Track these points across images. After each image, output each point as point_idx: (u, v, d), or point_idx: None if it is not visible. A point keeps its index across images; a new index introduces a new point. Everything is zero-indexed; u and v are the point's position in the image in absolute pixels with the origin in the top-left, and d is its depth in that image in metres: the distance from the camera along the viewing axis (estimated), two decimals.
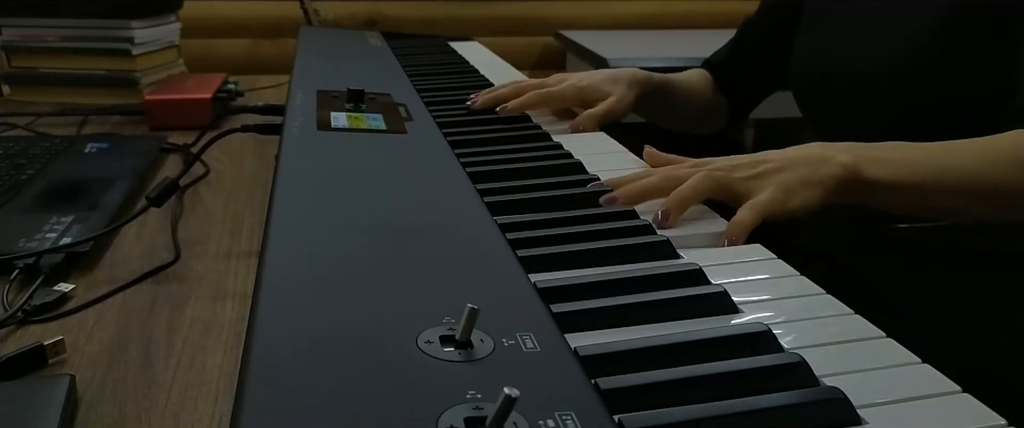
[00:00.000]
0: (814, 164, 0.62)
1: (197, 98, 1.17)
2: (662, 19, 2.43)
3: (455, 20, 2.30)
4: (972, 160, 0.66)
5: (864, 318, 0.45)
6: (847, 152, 0.64)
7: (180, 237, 0.75)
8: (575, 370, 0.37)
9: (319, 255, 0.47)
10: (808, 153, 0.64)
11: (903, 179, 0.64)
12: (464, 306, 0.38)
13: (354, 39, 1.38)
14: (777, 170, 0.62)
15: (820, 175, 0.62)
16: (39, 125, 1.17)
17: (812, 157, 0.63)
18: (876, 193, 0.64)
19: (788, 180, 0.61)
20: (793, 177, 0.62)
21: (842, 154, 0.63)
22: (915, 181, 0.64)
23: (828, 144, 0.65)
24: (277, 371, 0.35)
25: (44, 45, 1.34)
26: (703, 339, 0.42)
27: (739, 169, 0.63)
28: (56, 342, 0.54)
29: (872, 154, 0.64)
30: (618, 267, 0.51)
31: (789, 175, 0.62)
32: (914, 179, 0.64)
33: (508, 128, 0.86)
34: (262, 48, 2.22)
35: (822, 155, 0.63)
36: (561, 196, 0.63)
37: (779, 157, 0.64)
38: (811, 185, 0.61)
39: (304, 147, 0.69)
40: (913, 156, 0.65)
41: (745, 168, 0.63)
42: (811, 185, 0.61)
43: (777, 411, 0.36)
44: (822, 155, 0.63)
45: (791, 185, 0.61)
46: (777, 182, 0.61)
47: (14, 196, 0.82)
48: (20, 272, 0.65)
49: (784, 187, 0.61)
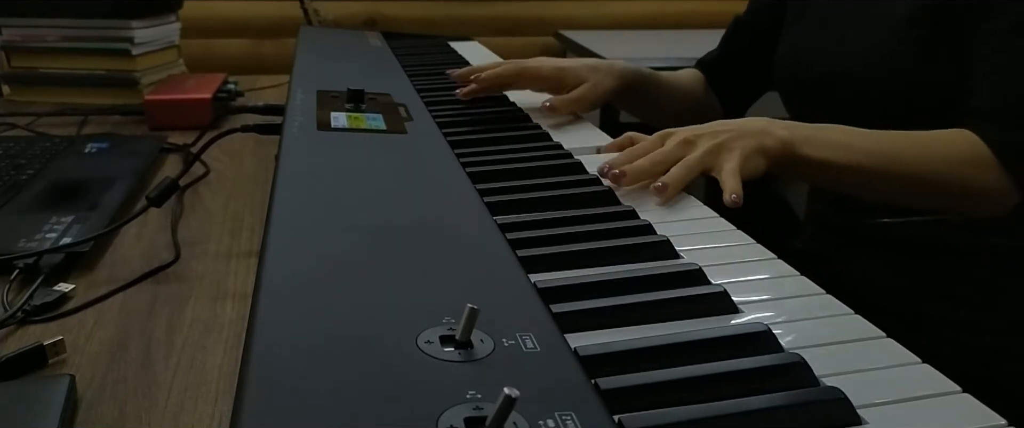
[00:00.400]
0: (759, 136, 0.70)
1: (197, 98, 1.17)
2: (662, 19, 2.43)
3: (455, 20, 2.29)
4: (906, 150, 0.73)
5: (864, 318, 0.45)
6: (787, 129, 0.71)
7: (180, 237, 0.75)
8: (575, 370, 0.37)
9: (319, 255, 0.47)
10: (754, 126, 0.71)
11: (832, 159, 0.71)
12: (464, 306, 0.38)
13: (354, 39, 1.38)
14: (735, 138, 0.69)
15: (763, 145, 0.70)
16: (39, 125, 1.17)
17: (757, 129, 0.71)
18: (806, 169, 0.72)
19: (745, 148, 0.69)
20: (748, 145, 0.69)
21: (782, 130, 0.71)
22: (843, 163, 0.72)
23: (773, 120, 0.72)
24: (277, 371, 0.35)
25: (44, 45, 1.34)
26: (703, 339, 0.42)
27: (703, 139, 0.70)
28: (56, 342, 0.54)
29: (809, 134, 0.72)
30: (618, 267, 0.51)
31: (744, 143, 0.69)
32: (843, 161, 0.72)
33: (508, 128, 0.86)
34: (262, 48, 2.22)
35: (765, 128, 0.71)
36: (561, 196, 0.63)
37: (733, 127, 0.71)
38: (758, 154, 0.69)
39: (304, 147, 0.69)
40: (849, 140, 0.73)
41: (707, 138, 0.70)
42: (758, 154, 0.69)
43: (777, 411, 0.36)
44: (765, 128, 0.71)
45: (747, 152, 0.69)
46: (739, 149, 0.68)
47: (14, 196, 0.82)
48: (20, 272, 0.65)
49: (743, 155, 0.68)
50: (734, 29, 1.11)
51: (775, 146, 0.70)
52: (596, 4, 2.39)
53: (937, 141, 0.74)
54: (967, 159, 0.73)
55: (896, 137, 0.73)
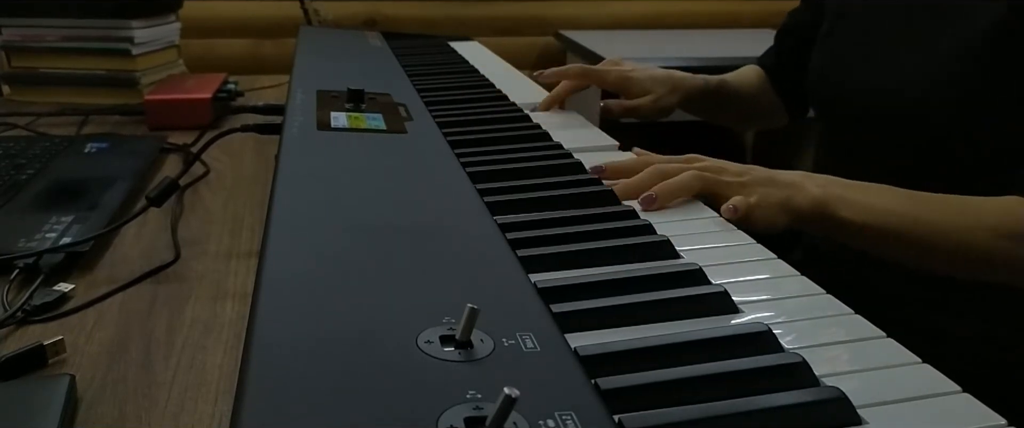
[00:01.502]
0: (792, 189, 0.65)
1: (197, 98, 1.17)
2: (662, 19, 2.43)
3: (455, 20, 2.29)
4: (949, 219, 0.67)
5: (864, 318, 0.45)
6: (822, 187, 0.66)
7: (180, 237, 0.75)
8: (575, 370, 0.37)
9: (319, 255, 0.47)
10: (789, 178, 0.67)
11: (869, 224, 0.66)
12: (464, 306, 0.38)
13: (354, 39, 1.38)
14: (762, 183, 0.65)
15: (793, 203, 0.65)
16: (39, 125, 1.17)
17: (791, 182, 0.66)
18: (840, 231, 0.66)
19: (769, 195, 0.65)
20: (774, 195, 0.65)
21: (816, 188, 0.66)
22: (881, 228, 0.66)
23: (809, 175, 0.68)
24: (277, 371, 0.35)
25: (44, 45, 1.34)
26: (703, 339, 0.42)
27: (726, 173, 0.66)
28: (56, 342, 0.54)
29: (845, 194, 0.66)
30: (618, 267, 0.51)
31: (771, 191, 0.65)
32: (880, 226, 0.66)
33: (508, 128, 0.86)
34: (262, 48, 2.22)
35: (800, 184, 0.66)
36: (561, 196, 0.63)
37: (764, 174, 0.67)
38: (783, 209, 0.65)
39: (304, 147, 0.69)
40: (887, 203, 0.67)
41: (731, 174, 0.66)
42: (783, 209, 0.65)
43: (777, 411, 0.36)
44: (800, 184, 0.66)
45: (770, 201, 0.64)
46: (760, 194, 0.64)
47: (14, 196, 0.82)
48: (20, 272, 0.65)
49: (764, 199, 0.64)
50: (780, 36, 1.09)
51: (805, 205, 0.65)
52: (596, 4, 2.39)
53: (985, 211, 0.67)
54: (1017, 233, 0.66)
55: (942, 204, 0.67)
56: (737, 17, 2.46)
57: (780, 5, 1.09)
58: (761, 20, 2.40)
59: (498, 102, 0.99)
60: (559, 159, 0.74)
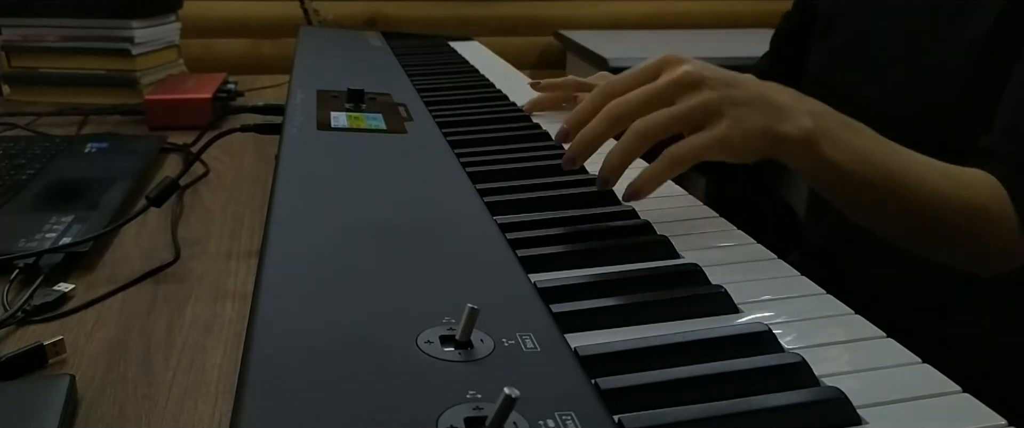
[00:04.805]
0: (780, 114, 0.58)
1: (197, 98, 1.17)
2: (662, 19, 2.43)
3: (455, 20, 2.30)
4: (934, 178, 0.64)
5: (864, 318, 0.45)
6: (815, 117, 0.59)
7: (180, 237, 0.75)
8: (575, 370, 0.37)
9: (319, 255, 0.47)
10: (780, 99, 0.59)
11: (845, 167, 0.60)
12: (464, 306, 0.38)
13: (354, 39, 1.38)
14: (744, 102, 0.57)
15: (778, 130, 0.58)
16: (39, 125, 1.17)
17: (781, 106, 0.58)
18: (816, 167, 0.60)
19: (749, 119, 0.57)
20: (755, 120, 0.57)
21: (808, 118, 0.59)
22: (862, 175, 0.61)
23: (802, 97, 0.61)
24: (277, 371, 0.35)
25: (44, 45, 1.34)
26: (703, 339, 0.42)
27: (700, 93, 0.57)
28: (56, 342, 0.54)
29: (836, 130, 0.60)
30: (618, 267, 0.51)
31: (751, 114, 0.57)
32: (863, 173, 0.61)
33: (508, 128, 0.86)
34: (262, 48, 2.22)
35: (790, 108, 0.59)
36: (561, 196, 0.63)
37: (752, 90, 0.59)
38: (764, 137, 0.57)
39: (304, 147, 0.69)
40: (870, 148, 0.62)
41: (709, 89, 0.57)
42: (764, 137, 0.57)
43: (777, 411, 0.36)
44: (790, 108, 0.59)
45: (748, 126, 0.57)
46: (736, 118, 0.57)
47: (14, 196, 0.82)
48: (20, 272, 0.65)
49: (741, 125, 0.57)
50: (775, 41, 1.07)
51: (795, 134, 0.58)
52: (596, 4, 2.39)
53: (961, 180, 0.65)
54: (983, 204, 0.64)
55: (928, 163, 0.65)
56: (737, 17, 2.46)
57: (780, 5, 1.09)
58: (761, 20, 2.41)
59: (498, 102, 0.99)
60: (559, 159, 0.74)
